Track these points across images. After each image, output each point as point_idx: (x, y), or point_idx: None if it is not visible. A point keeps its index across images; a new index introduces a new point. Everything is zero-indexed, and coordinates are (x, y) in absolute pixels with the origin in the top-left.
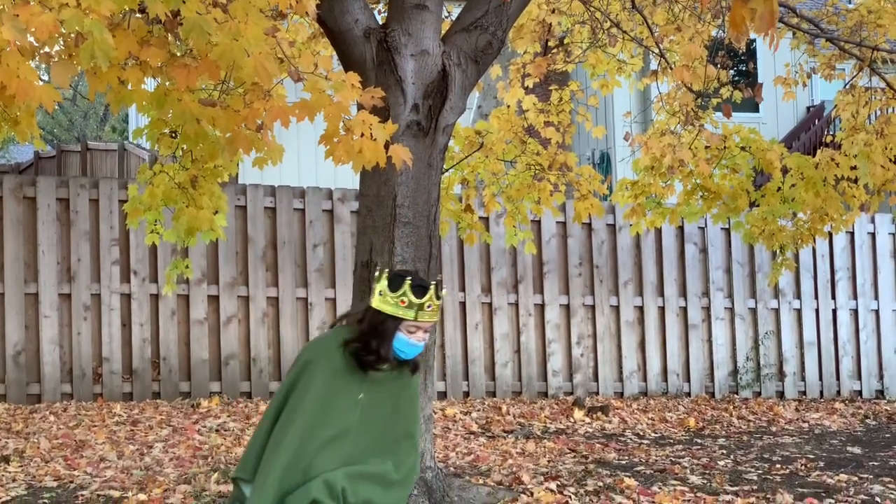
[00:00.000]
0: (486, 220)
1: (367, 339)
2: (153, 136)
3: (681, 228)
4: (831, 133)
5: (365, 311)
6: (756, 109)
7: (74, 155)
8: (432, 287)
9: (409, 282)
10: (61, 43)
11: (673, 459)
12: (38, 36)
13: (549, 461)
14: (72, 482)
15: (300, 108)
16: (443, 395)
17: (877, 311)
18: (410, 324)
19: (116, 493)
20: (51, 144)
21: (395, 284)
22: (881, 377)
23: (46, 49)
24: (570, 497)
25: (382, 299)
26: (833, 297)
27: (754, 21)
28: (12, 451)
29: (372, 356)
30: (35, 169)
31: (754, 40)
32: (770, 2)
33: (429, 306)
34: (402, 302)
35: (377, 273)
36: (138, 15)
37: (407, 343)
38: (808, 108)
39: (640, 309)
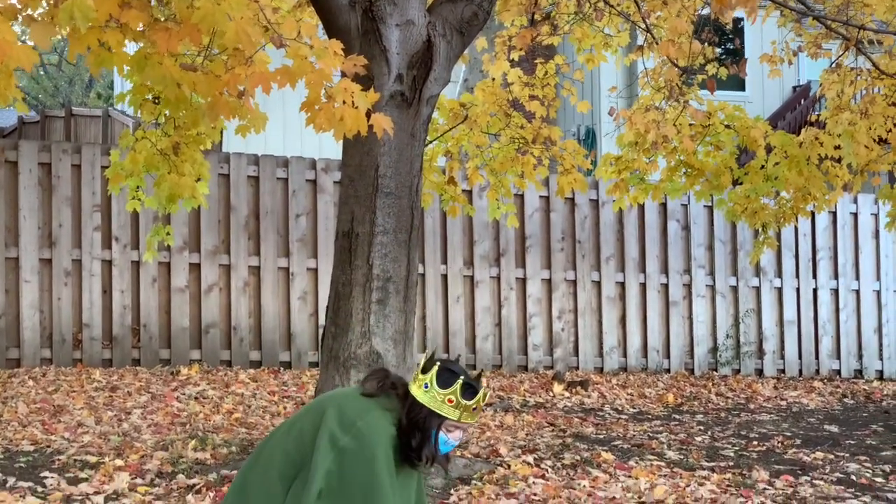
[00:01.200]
0: (469, 192)
1: (409, 435)
2: (136, 102)
3: (664, 205)
4: (816, 112)
5: (404, 396)
6: (742, 88)
7: (58, 120)
8: (482, 391)
9: (461, 382)
10: (44, 4)
11: (650, 435)
12: None
13: (527, 434)
14: (48, 447)
15: (282, 75)
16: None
17: (857, 292)
18: (452, 423)
19: (93, 459)
20: (35, 110)
21: (444, 381)
22: (860, 357)
23: (29, 11)
24: (546, 470)
25: (428, 393)
26: (814, 277)
27: None
28: None
29: (413, 454)
30: (18, 134)
31: (742, 18)
32: None
33: (474, 409)
34: (450, 401)
35: (425, 361)
36: None
37: (444, 442)
38: (794, 88)
39: (622, 285)
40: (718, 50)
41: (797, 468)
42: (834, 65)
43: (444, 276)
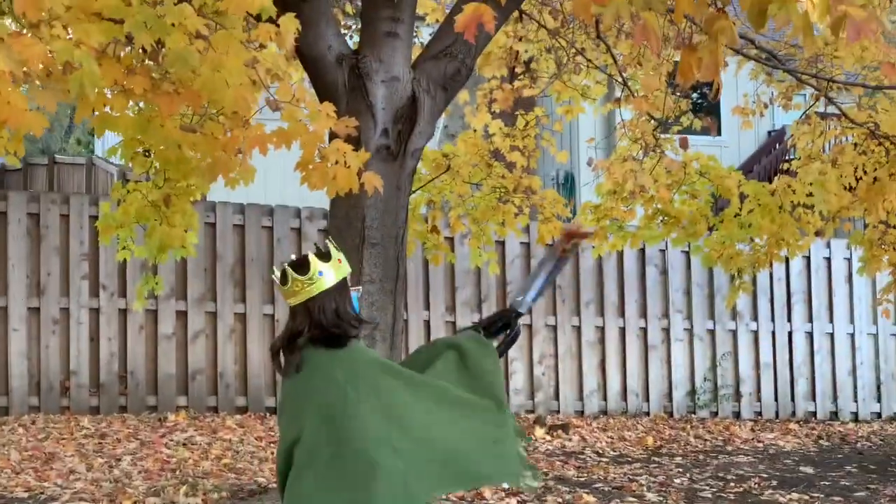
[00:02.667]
0: (451, 240)
1: (344, 322)
2: (127, 155)
3: (642, 251)
4: (789, 158)
5: (311, 311)
6: (718, 133)
7: (41, 168)
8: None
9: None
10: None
11: (631, 477)
12: (31, 66)
13: None
14: (42, 493)
15: (278, 136)
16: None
17: (832, 335)
18: (351, 279)
19: None
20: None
21: (324, 254)
22: (835, 399)
23: (38, 82)
24: None
25: (333, 274)
26: (789, 320)
27: (700, 70)
28: None
29: (360, 328)
30: (0, 182)
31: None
32: (715, 53)
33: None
34: (339, 261)
35: (316, 255)
36: (126, 48)
37: (355, 297)
38: (770, 133)
39: (601, 329)
40: (695, 95)
41: None
42: (804, 116)
43: (427, 322)
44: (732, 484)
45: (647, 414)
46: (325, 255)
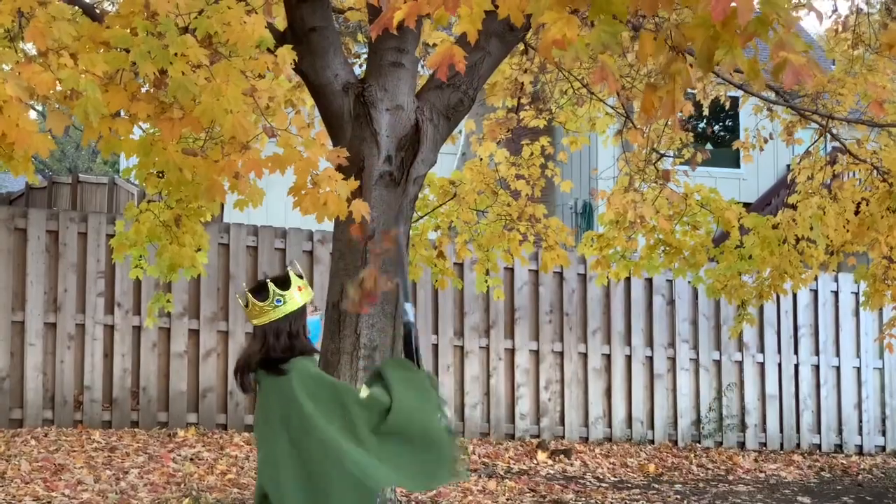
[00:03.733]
0: (460, 266)
1: (297, 344)
2: (141, 176)
3: (649, 280)
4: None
5: (262, 334)
6: (737, 165)
7: (65, 187)
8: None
9: (289, 268)
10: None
11: (628, 502)
12: (39, 91)
13: (507, 499)
14: (49, 502)
15: (273, 162)
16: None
17: (838, 368)
18: (309, 305)
19: None
20: (43, 174)
21: (282, 282)
22: (840, 432)
23: (44, 105)
24: None
25: (285, 303)
26: (796, 353)
27: (661, 108)
28: None
29: (307, 353)
30: (26, 200)
31: (738, 98)
32: (672, 93)
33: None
34: (300, 288)
35: (247, 299)
36: (132, 76)
37: (316, 322)
38: (788, 166)
39: (608, 357)
40: (717, 127)
41: None
42: (806, 152)
43: (435, 346)
44: None
45: (652, 442)
46: (283, 283)
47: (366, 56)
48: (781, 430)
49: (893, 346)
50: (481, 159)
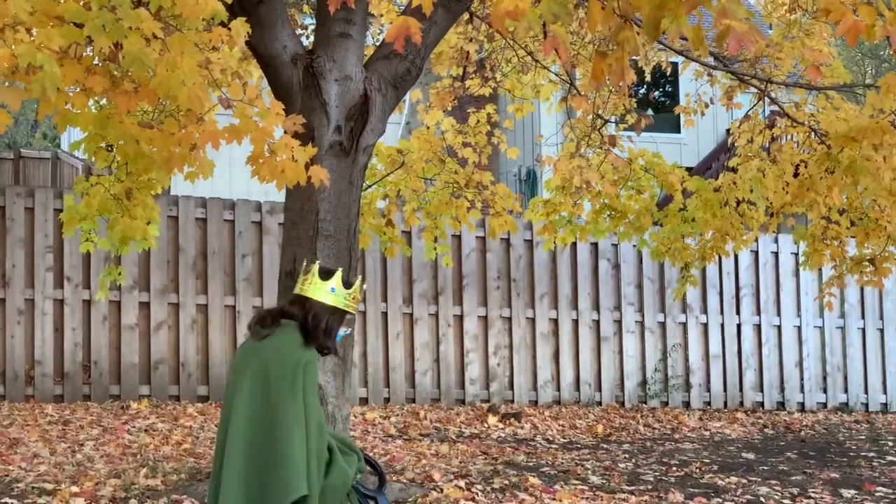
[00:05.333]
0: (408, 234)
1: (317, 336)
2: (90, 150)
3: (595, 245)
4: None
5: (306, 307)
6: (677, 130)
7: (7, 162)
8: (358, 282)
9: (359, 281)
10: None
11: (577, 462)
12: None
13: (460, 462)
14: (7, 475)
15: (229, 132)
16: (364, 401)
17: (779, 327)
18: (349, 316)
19: (50, 486)
20: None
21: (346, 283)
22: (782, 389)
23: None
24: (476, 494)
25: (335, 296)
26: (738, 313)
27: (609, 74)
28: None
29: (325, 351)
30: None
31: (677, 63)
32: (621, 60)
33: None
34: (355, 299)
35: (312, 268)
36: (87, 49)
37: (340, 335)
38: (728, 131)
39: (555, 321)
40: (657, 93)
41: (711, 491)
42: (745, 115)
43: (385, 314)
44: (675, 468)
45: (600, 403)
46: (348, 283)
47: (313, 27)
48: (725, 389)
49: (833, 304)
50: (428, 128)
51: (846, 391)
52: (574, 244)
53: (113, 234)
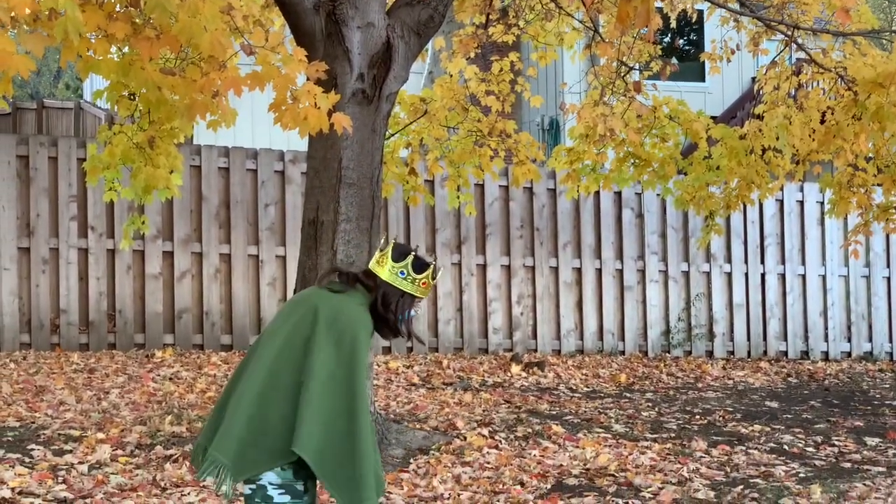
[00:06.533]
0: (430, 182)
1: (385, 317)
2: (112, 98)
3: (618, 194)
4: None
5: (377, 284)
6: (702, 79)
7: (30, 112)
8: (433, 266)
9: (432, 267)
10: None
11: (601, 410)
12: (19, 13)
13: (483, 410)
14: (33, 423)
15: (252, 79)
16: (387, 350)
17: (803, 276)
18: (418, 300)
19: (76, 433)
20: (5, 100)
21: (418, 267)
22: (806, 339)
23: (25, 27)
24: (500, 441)
25: (406, 279)
26: (762, 262)
27: (635, 18)
28: None
29: (391, 333)
30: None
31: (702, 10)
32: (646, 2)
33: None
34: (424, 284)
35: (392, 249)
36: None
37: (409, 316)
38: (753, 79)
39: (578, 270)
40: (682, 41)
41: (734, 439)
42: (771, 62)
43: None
44: (698, 417)
45: (623, 353)
46: (421, 268)
47: None
48: (749, 339)
49: (859, 253)
50: (451, 76)
51: (871, 340)
52: (597, 193)
53: (136, 183)
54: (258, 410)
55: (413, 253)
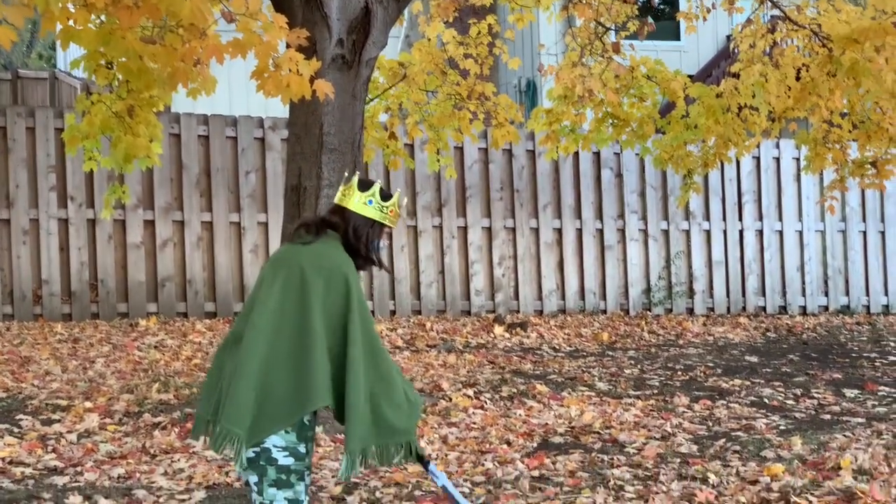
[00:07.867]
0: (410, 146)
1: (358, 249)
2: (90, 68)
3: (597, 154)
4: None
5: (345, 217)
6: (677, 37)
7: (5, 83)
8: (397, 194)
9: (397, 194)
10: None
11: (584, 369)
12: None
13: (468, 372)
14: (20, 393)
15: (233, 47)
16: (371, 313)
17: (781, 232)
18: (387, 229)
19: (64, 402)
20: None
21: (384, 195)
22: (784, 294)
23: None
24: (485, 402)
25: (373, 208)
26: (740, 219)
27: None
28: None
29: (365, 263)
30: None
31: None
32: None
33: (396, 213)
34: (392, 212)
35: (352, 179)
36: None
37: (380, 247)
38: (728, 37)
39: (559, 231)
40: (656, 1)
41: (715, 394)
42: (747, 20)
43: None
44: (679, 373)
45: (605, 312)
46: (385, 196)
47: None
48: (728, 295)
49: (835, 208)
50: (429, 40)
51: (847, 294)
52: (576, 154)
53: (116, 153)
54: (262, 379)
55: (378, 182)
